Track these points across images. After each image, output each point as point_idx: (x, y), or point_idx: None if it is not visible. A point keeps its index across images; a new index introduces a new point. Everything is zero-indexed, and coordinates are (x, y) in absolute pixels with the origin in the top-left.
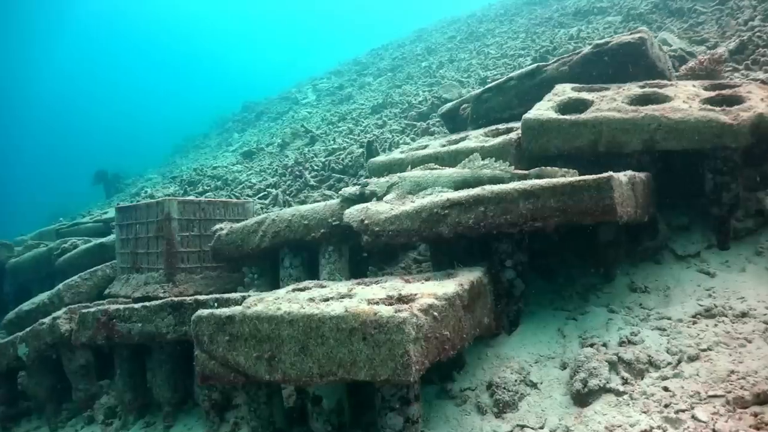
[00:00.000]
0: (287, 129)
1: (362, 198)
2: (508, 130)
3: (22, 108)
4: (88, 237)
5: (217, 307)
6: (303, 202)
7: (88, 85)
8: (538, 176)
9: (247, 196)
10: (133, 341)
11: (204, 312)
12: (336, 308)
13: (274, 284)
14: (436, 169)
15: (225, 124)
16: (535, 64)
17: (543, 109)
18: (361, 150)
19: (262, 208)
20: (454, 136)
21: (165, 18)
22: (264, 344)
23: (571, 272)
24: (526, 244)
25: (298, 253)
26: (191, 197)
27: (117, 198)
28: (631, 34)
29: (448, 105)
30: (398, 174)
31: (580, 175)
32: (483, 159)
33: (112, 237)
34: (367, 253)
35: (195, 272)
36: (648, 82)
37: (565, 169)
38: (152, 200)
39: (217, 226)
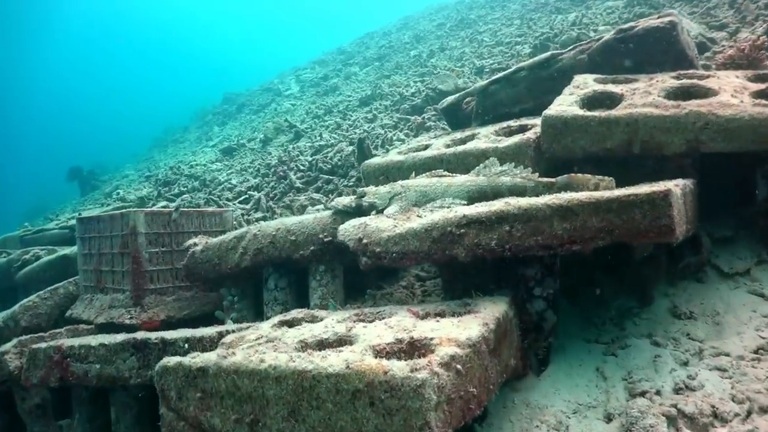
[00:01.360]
0: (270, 123)
1: (359, 211)
2: (522, 128)
3: None
4: (53, 246)
5: (187, 349)
6: (288, 207)
7: (65, 76)
8: (567, 185)
9: (227, 199)
10: (91, 384)
11: (170, 361)
12: (334, 363)
13: (257, 308)
14: (445, 176)
15: (205, 116)
16: (549, 53)
17: (566, 105)
18: (351, 148)
19: (243, 215)
20: (459, 134)
21: (144, 6)
22: (245, 405)
23: (600, 292)
24: (557, 268)
25: (285, 273)
26: (160, 208)
27: (91, 198)
28: (659, 17)
29: (450, 99)
30: (401, 182)
31: (617, 183)
32: (499, 163)
33: (76, 248)
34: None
35: (166, 293)
36: (682, 72)
37: (599, 177)
38: (116, 212)
39: (191, 242)
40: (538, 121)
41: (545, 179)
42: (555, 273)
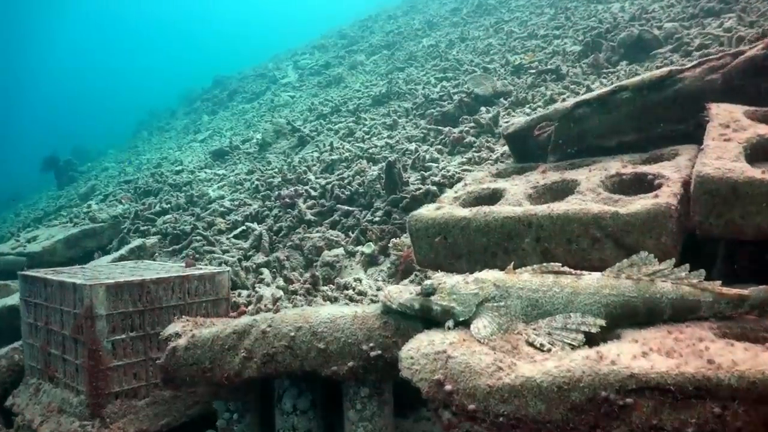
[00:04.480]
0: (268, 124)
1: (427, 314)
2: (639, 180)
3: None
4: (4, 280)
5: None
6: (297, 247)
7: (45, 53)
8: (765, 302)
9: (219, 231)
10: None
11: None
12: None
13: (266, 429)
14: (562, 272)
15: (194, 102)
16: (666, 69)
17: (728, 159)
18: (375, 170)
19: (240, 259)
20: (539, 178)
21: None
22: None
23: None
24: None
25: (307, 389)
26: (128, 277)
27: (66, 196)
28: None
29: (520, 122)
30: (493, 276)
31: None
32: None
33: None
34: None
35: (138, 394)
36: None
37: None
38: (67, 279)
39: (171, 331)
40: (662, 169)
41: (731, 291)
42: None
